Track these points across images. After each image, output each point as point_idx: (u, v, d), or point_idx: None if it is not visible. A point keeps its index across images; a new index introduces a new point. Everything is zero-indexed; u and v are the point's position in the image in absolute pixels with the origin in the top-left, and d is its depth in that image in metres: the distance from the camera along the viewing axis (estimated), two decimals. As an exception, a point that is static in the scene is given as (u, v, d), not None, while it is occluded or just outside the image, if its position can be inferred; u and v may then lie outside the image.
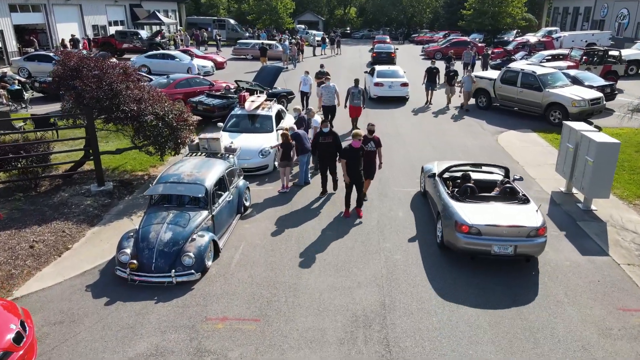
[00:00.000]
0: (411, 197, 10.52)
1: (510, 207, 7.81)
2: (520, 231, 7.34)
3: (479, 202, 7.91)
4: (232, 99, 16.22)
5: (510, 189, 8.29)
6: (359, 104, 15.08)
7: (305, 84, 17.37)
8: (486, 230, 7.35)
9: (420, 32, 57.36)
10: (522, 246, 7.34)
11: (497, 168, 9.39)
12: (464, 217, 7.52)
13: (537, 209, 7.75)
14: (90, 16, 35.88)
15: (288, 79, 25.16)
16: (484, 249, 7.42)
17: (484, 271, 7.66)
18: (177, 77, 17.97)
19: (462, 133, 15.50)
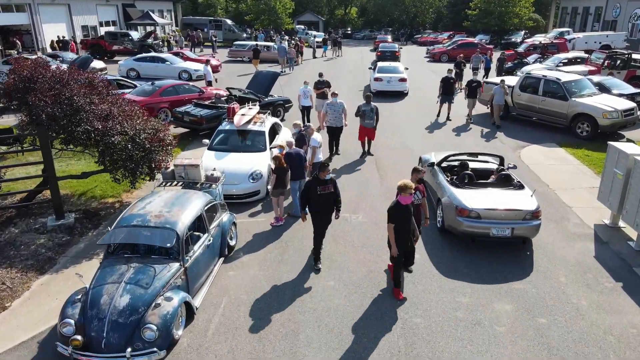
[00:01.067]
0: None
1: (506, 192, 8.31)
2: (517, 214, 7.86)
3: (477, 189, 8.41)
4: (222, 109, 14.57)
5: (506, 176, 8.75)
6: (371, 124, 12.67)
7: (306, 96, 15.16)
8: (485, 214, 7.84)
9: (424, 32, 55.65)
10: (519, 228, 7.86)
11: (493, 157, 9.87)
12: (464, 202, 8.00)
13: (532, 194, 8.25)
14: (80, 16, 34.26)
15: (285, 84, 23.48)
16: (483, 232, 7.91)
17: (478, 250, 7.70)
18: (163, 84, 16.31)
19: (479, 148, 13.83)
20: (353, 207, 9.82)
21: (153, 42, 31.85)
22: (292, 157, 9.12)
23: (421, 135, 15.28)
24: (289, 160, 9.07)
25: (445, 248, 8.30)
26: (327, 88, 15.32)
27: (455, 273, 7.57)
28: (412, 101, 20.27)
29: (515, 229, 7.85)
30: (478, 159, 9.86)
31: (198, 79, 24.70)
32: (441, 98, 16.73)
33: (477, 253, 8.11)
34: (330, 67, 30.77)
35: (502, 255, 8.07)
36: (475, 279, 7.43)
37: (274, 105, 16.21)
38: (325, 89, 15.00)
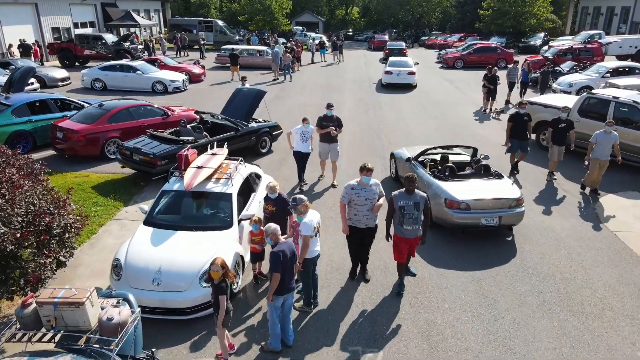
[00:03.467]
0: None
1: (489, 182, 8.57)
2: (504, 203, 8.11)
3: (461, 180, 8.57)
4: (186, 142, 10.83)
5: (485, 167, 8.95)
6: (415, 232, 7.07)
7: (304, 139, 10.12)
8: (475, 205, 8.02)
9: (431, 34, 51.82)
10: (506, 216, 8.12)
11: (466, 149, 10.08)
12: (453, 195, 8.11)
13: (512, 182, 8.71)
14: (49, 17, 30.46)
15: (277, 99, 19.71)
16: (473, 222, 8.06)
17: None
18: (114, 105, 12.53)
19: (538, 197, 10.09)
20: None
21: (130, 47, 28.09)
22: (277, 258, 5.38)
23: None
24: (274, 260, 5.37)
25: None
26: (334, 127, 10.34)
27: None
28: (440, 123, 16.44)
29: (503, 217, 8.11)
30: (453, 151, 9.98)
31: (175, 91, 20.98)
32: (512, 144, 11.18)
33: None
34: (330, 75, 27.02)
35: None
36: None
37: (258, 134, 12.46)
38: (332, 128, 10.28)
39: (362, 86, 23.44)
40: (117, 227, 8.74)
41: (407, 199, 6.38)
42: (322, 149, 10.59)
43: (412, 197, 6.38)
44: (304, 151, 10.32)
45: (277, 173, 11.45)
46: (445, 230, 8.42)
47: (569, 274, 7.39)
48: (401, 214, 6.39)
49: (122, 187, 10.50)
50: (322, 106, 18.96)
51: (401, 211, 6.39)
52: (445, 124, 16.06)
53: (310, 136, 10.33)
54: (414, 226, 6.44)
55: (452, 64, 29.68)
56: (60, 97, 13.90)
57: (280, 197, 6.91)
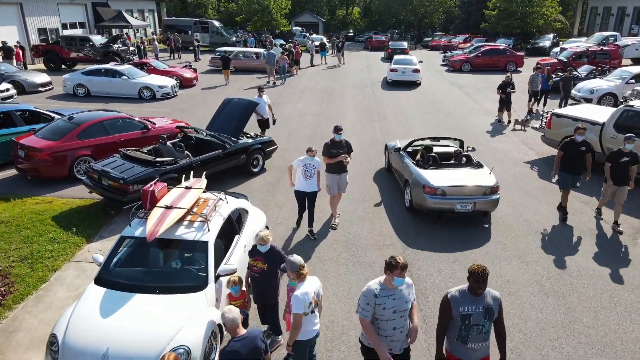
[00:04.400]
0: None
1: (467, 170, 9.04)
2: (478, 190, 8.49)
3: (441, 169, 9.07)
4: (164, 164, 9.33)
5: (466, 157, 9.54)
6: None
7: (308, 174, 8.03)
8: (450, 191, 8.46)
9: (434, 35, 50.28)
10: (480, 203, 8.50)
11: (453, 141, 10.42)
12: (430, 181, 8.58)
13: (490, 171, 8.93)
14: (35, 17, 28.94)
15: (273, 107, 18.01)
16: (448, 207, 8.51)
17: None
18: (86, 119, 11.01)
19: (580, 236, 8.59)
20: None
21: (120, 49, 26.57)
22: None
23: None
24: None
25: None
26: (346, 154, 8.49)
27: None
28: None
29: (477, 204, 8.49)
30: (440, 143, 10.38)
31: (164, 97, 19.48)
32: (560, 178, 8.83)
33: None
34: (331, 80, 25.50)
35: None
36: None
37: (249, 152, 10.94)
38: (344, 156, 8.42)
39: (364, 92, 21.91)
40: (73, 273, 7.23)
41: (473, 304, 4.07)
42: (332, 182, 8.55)
43: (481, 301, 4.09)
44: (309, 190, 8.12)
45: (270, 198, 9.95)
46: (424, 215, 9.00)
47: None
48: (464, 325, 4.09)
49: (89, 217, 9.00)
50: (321, 115, 17.61)
51: (464, 322, 4.08)
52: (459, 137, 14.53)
53: (317, 171, 8.10)
54: (482, 343, 4.15)
55: (459, 67, 28.16)
56: (28, 108, 12.37)
57: (273, 251, 5.42)
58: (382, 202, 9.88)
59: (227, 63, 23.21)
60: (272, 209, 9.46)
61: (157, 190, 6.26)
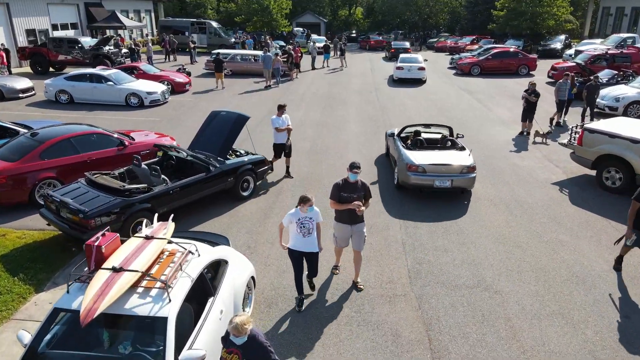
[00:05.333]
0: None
1: (449, 152, 9.98)
2: (456, 168, 9.41)
3: (425, 150, 10.09)
4: (134, 192, 7.91)
5: (452, 141, 10.53)
6: None
7: (305, 231, 6.05)
8: (429, 169, 9.41)
9: (440, 36, 48.77)
10: (457, 180, 9.39)
11: (443, 128, 11.35)
12: (413, 160, 9.58)
13: (469, 153, 9.91)
14: (23, 18, 27.60)
15: (270, 115, 16.49)
16: (428, 184, 9.46)
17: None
18: (51, 135, 9.58)
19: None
20: None
21: (110, 51, 25.19)
22: None
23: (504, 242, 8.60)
24: None
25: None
26: (361, 201, 6.38)
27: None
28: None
29: (454, 181, 9.37)
30: (431, 129, 11.42)
31: (152, 104, 18.08)
32: (636, 238, 6.82)
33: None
34: (333, 84, 24.06)
35: None
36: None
37: (237, 173, 9.50)
38: (357, 204, 6.27)
39: (369, 98, 20.46)
40: (11, 338, 5.82)
41: None
42: (341, 234, 6.60)
43: None
44: (307, 250, 6.14)
45: (261, 230, 8.52)
46: (409, 191, 9.96)
47: None
48: None
49: (45, 255, 7.59)
50: (322, 125, 16.04)
51: None
52: (476, 153, 13.07)
53: (316, 225, 6.10)
54: None
55: (468, 71, 26.69)
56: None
57: (253, 343, 3.99)
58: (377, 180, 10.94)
59: (220, 66, 21.90)
60: (262, 245, 8.03)
61: (105, 244, 4.84)
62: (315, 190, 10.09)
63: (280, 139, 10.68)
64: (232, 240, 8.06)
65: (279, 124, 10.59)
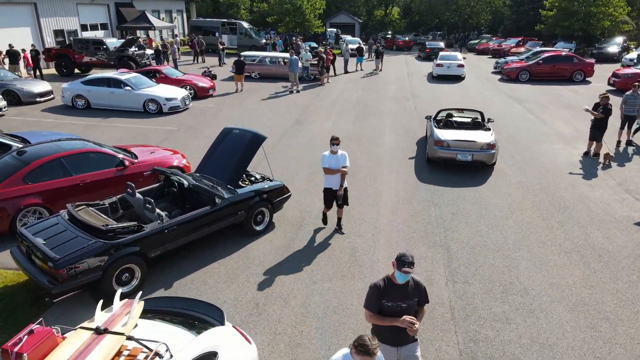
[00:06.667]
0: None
1: (474, 132, 11.30)
2: (475, 145, 10.70)
3: (453, 129, 11.58)
4: (118, 233, 6.46)
5: (479, 123, 11.90)
6: None
7: None
8: (453, 144, 10.77)
9: (481, 37, 46.11)
10: (477, 155, 10.68)
11: (475, 112, 12.68)
12: (440, 136, 11.00)
13: (492, 133, 11.21)
14: (51, 18, 27.15)
15: (296, 126, 14.90)
16: (451, 156, 10.82)
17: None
18: (39, 154, 8.31)
19: None
20: None
21: (135, 53, 24.29)
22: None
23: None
24: None
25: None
26: (413, 312, 4.17)
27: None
28: (528, 179, 11.57)
29: (475, 155, 10.66)
30: (464, 113, 12.93)
31: (172, 111, 16.87)
32: None
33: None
34: (366, 90, 22.30)
35: None
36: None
37: (251, 205, 7.95)
38: (407, 320, 3.95)
39: (406, 106, 18.61)
40: None
41: None
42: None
43: None
44: None
45: (275, 279, 6.93)
46: (437, 164, 11.32)
47: None
48: None
49: (11, 308, 6.26)
50: (353, 139, 13.88)
51: None
52: (533, 177, 11.11)
53: None
54: None
55: (515, 77, 24.38)
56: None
57: None
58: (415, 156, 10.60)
59: (242, 68, 20.67)
60: (274, 302, 6.45)
61: (29, 350, 3.35)
62: (344, 222, 8.44)
63: (331, 182, 8.07)
64: (237, 294, 6.55)
65: (330, 164, 7.89)
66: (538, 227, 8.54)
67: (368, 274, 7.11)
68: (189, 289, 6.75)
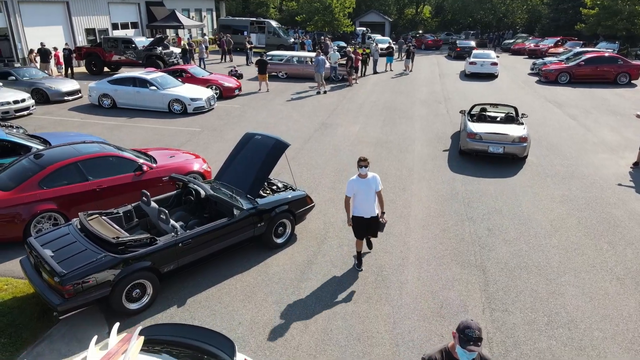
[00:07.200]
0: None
1: (507, 125, 11.66)
2: (507, 138, 11.02)
3: (486, 123, 11.98)
4: (129, 246, 6.07)
5: (513, 117, 12.12)
6: None
7: None
8: (485, 137, 11.14)
9: (517, 37, 44.46)
10: (509, 148, 11.00)
11: (509, 107, 12.73)
12: (472, 129, 11.38)
13: (525, 127, 11.46)
14: (83, 17, 27.44)
15: (322, 129, 14.32)
16: (483, 149, 11.17)
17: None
18: (56, 158, 8.03)
19: None
20: None
21: (163, 52, 24.24)
22: None
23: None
24: None
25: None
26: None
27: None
28: (574, 197, 10.73)
29: (506, 148, 10.98)
30: (498, 108, 12.96)
31: (196, 111, 16.61)
32: None
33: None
34: (396, 92, 21.56)
35: None
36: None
37: (272, 216, 7.45)
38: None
39: (437, 110, 17.81)
40: None
41: None
42: None
43: None
44: None
45: (295, 299, 6.40)
46: (470, 156, 11.75)
47: None
48: None
49: (20, 321, 5.95)
50: (382, 145, 13.01)
51: None
52: (578, 191, 10.25)
53: None
54: None
55: (554, 79, 23.16)
56: (1, 137, 9.59)
57: None
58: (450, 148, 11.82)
59: (264, 67, 20.41)
60: (294, 325, 5.93)
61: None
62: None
63: (363, 209, 6.59)
64: (254, 315, 6.07)
65: (360, 189, 6.49)
66: (585, 248, 7.75)
67: (396, 296, 6.51)
68: (203, 307, 6.32)
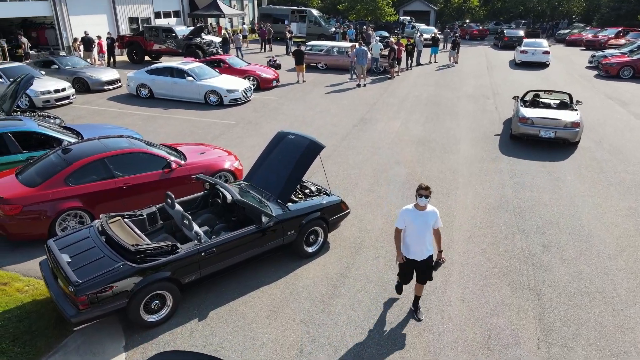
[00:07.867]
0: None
1: (559, 111, 11.74)
2: (559, 123, 11.18)
3: (538, 108, 12.05)
4: (148, 255, 5.66)
5: (566, 104, 12.24)
6: None
7: None
8: (537, 121, 11.29)
9: (573, 27, 41.72)
10: (560, 132, 11.17)
11: (563, 94, 12.87)
12: (524, 113, 11.57)
13: (578, 113, 11.58)
14: (126, 6, 27.68)
15: (360, 125, 13.56)
16: (534, 133, 11.35)
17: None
18: (83, 153, 7.75)
19: None
20: None
21: (203, 42, 24.04)
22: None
23: None
24: None
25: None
26: None
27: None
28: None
29: (558, 132, 11.17)
30: (552, 95, 13.11)
31: (232, 103, 16.25)
32: None
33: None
34: (440, 86, 20.44)
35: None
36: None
37: (303, 224, 6.88)
38: None
39: (485, 107, 16.66)
40: None
41: None
42: None
43: None
44: None
45: (324, 317, 5.83)
46: (522, 140, 11.92)
47: None
48: None
49: (37, 327, 5.69)
50: (424, 144, 12.29)
51: None
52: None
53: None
54: None
55: (615, 73, 21.35)
56: (30, 129, 9.40)
57: None
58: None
59: (301, 58, 19.82)
60: (320, 349, 5.37)
61: None
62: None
63: (415, 250, 5.44)
64: (279, 334, 5.57)
65: (414, 223, 5.30)
66: (659, 274, 6.76)
67: (437, 321, 5.82)
68: (225, 321, 5.85)
